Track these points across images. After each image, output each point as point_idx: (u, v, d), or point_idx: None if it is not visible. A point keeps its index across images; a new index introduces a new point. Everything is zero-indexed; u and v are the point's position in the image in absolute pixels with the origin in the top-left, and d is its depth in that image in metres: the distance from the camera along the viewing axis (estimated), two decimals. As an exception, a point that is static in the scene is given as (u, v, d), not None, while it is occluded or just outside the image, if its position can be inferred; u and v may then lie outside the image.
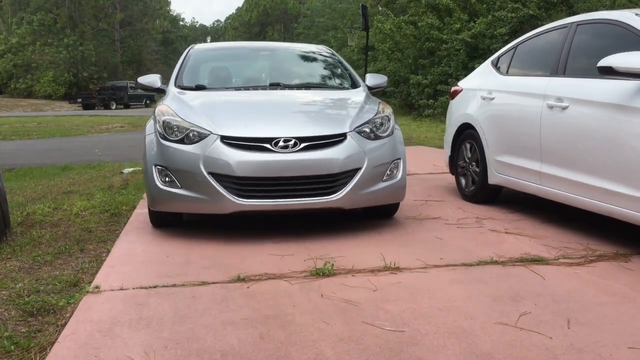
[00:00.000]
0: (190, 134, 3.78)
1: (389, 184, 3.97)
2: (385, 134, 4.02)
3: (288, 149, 3.66)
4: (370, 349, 2.20)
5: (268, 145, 3.66)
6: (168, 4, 65.45)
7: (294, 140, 3.69)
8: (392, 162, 4.00)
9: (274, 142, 3.67)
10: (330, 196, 3.73)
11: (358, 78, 4.89)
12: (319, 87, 4.84)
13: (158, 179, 3.83)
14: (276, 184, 3.67)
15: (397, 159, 4.06)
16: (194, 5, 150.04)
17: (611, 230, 3.86)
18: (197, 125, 3.80)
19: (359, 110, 4.09)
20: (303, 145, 3.69)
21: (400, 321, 2.45)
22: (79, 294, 2.82)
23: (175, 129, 3.84)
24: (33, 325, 2.48)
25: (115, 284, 2.98)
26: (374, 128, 3.97)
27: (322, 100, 4.48)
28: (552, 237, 3.78)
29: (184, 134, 3.79)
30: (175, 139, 3.81)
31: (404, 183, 4.11)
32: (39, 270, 3.24)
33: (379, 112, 4.12)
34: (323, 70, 5.22)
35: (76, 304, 2.70)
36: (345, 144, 3.78)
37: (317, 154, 3.70)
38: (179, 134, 3.81)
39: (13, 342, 2.28)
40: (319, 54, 5.39)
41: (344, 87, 4.81)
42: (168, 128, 3.87)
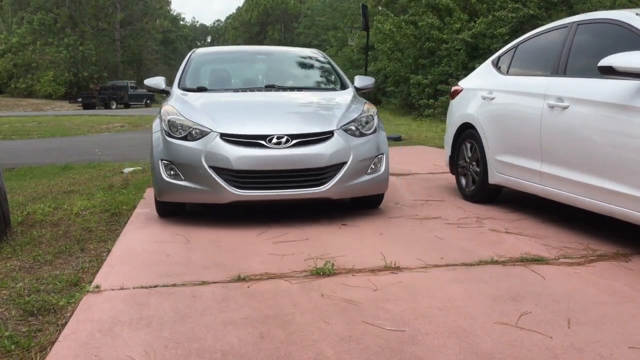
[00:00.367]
0: (193, 131, 4.13)
1: (373, 176, 4.33)
2: (369, 131, 4.38)
3: (281, 145, 4.02)
4: (371, 349, 2.20)
5: (263, 142, 4.02)
6: (168, 3, 65.47)
7: (286, 137, 4.04)
8: (376, 157, 4.37)
9: (268, 139, 4.02)
10: (319, 187, 4.09)
11: (347, 80, 5.27)
12: (310, 89, 5.21)
13: (164, 172, 4.17)
14: (270, 177, 4.04)
15: (381, 154, 4.42)
16: (194, 5, 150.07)
17: (611, 230, 3.86)
18: (199, 124, 4.14)
19: (345, 109, 4.45)
20: (294, 141, 4.05)
21: (401, 321, 2.45)
22: (79, 294, 2.82)
23: (179, 127, 4.19)
24: (33, 325, 2.48)
25: (116, 283, 2.98)
26: (359, 126, 4.34)
27: (313, 100, 4.85)
28: (553, 237, 3.78)
29: (187, 132, 4.14)
30: (179, 136, 4.16)
31: (387, 176, 4.48)
32: (40, 270, 3.24)
33: (364, 112, 4.49)
34: (314, 73, 5.65)
35: (76, 304, 2.70)
36: (333, 140, 4.15)
37: (307, 150, 4.06)
38: (183, 132, 4.16)
39: (13, 342, 2.28)
40: (312, 58, 5.77)
41: (333, 89, 5.18)
42: (173, 126, 4.22)
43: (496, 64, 5.01)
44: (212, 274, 3.11)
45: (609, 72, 3.32)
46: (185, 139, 4.13)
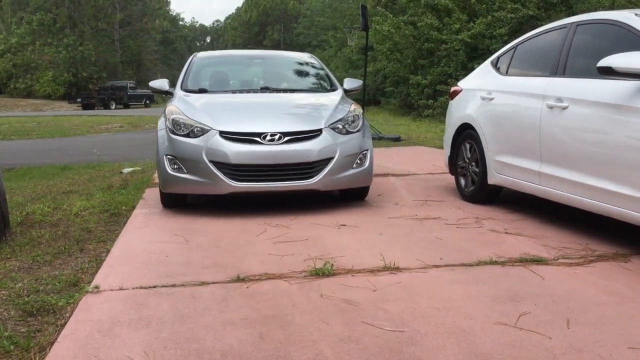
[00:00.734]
0: (195, 129, 4.52)
1: (358, 170, 4.73)
2: (355, 129, 4.79)
3: (274, 142, 4.42)
4: (370, 349, 2.20)
5: (258, 139, 4.42)
6: (168, 3, 65.39)
7: (278, 134, 4.44)
8: (361, 153, 4.76)
9: (262, 136, 4.42)
10: (309, 180, 4.48)
11: (336, 82, 5.71)
12: (302, 91, 5.60)
13: (168, 166, 4.57)
14: (264, 170, 4.43)
15: (365, 150, 4.81)
16: (194, 5, 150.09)
17: (611, 230, 3.86)
18: (200, 123, 4.55)
19: (333, 109, 4.86)
20: (286, 138, 4.45)
21: (400, 321, 2.45)
22: (78, 294, 2.82)
23: (182, 126, 4.59)
24: (32, 325, 2.48)
25: (115, 283, 2.98)
26: (345, 124, 4.74)
27: (304, 101, 5.26)
28: (552, 237, 3.78)
29: (190, 130, 4.54)
30: (182, 134, 4.56)
31: (371, 170, 4.88)
32: (39, 270, 3.24)
33: (350, 112, 4.90)
34: (306, 76, 6.08)
35: (76, 304, 2.70)
36: (321, 137, 4.55)
37: (298, 146, 4.45)
38: (186, 130, 4.56)
39: (13, 342, 2.28)
40: (304, 62, 6.22)
41: (323, 90, 5.61)
42: (176, 125, 4.62)
43: (495, 65, 5.02)
44: (212, 274, 3.11)
45: (608, 73, 3.33)
46: (187, 136, 4.52)
